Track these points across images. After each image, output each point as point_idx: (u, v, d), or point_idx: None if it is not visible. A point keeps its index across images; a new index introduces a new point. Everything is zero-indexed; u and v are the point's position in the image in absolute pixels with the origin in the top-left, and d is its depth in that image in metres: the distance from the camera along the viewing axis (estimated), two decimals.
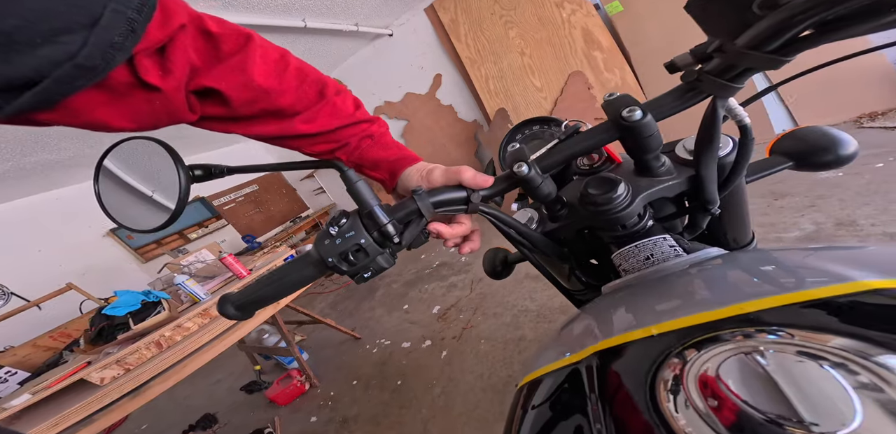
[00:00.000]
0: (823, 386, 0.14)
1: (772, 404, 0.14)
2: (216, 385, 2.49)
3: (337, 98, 0.40)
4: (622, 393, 0.19)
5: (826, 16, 0.19)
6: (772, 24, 0.21)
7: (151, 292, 1.49)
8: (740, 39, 0.24)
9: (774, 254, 0.26)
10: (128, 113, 0.29)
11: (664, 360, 0.19)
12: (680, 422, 0.15)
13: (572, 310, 1.46)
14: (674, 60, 0.29)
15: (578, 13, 2.60)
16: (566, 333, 0.31)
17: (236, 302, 0.35)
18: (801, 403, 0.14)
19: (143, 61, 0.27)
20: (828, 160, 0.32)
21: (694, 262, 0.30)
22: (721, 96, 0.28)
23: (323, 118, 0.40)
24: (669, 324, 0.21)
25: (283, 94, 0.36)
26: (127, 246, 3.63)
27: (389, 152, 0.43)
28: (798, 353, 0.15)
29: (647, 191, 0.32)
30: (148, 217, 0.33)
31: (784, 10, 0.20)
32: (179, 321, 1.44)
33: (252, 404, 2.03)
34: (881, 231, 1.22)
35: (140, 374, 1.28)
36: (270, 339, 2.28)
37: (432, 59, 3.45)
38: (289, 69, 0.36)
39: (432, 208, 0.33)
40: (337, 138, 0.42)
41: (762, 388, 0.15)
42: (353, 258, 0.31)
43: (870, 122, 2.00)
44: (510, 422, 0.27)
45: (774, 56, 0.23)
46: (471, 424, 1.25)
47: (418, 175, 0.41)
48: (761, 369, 0.15)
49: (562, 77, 2.77)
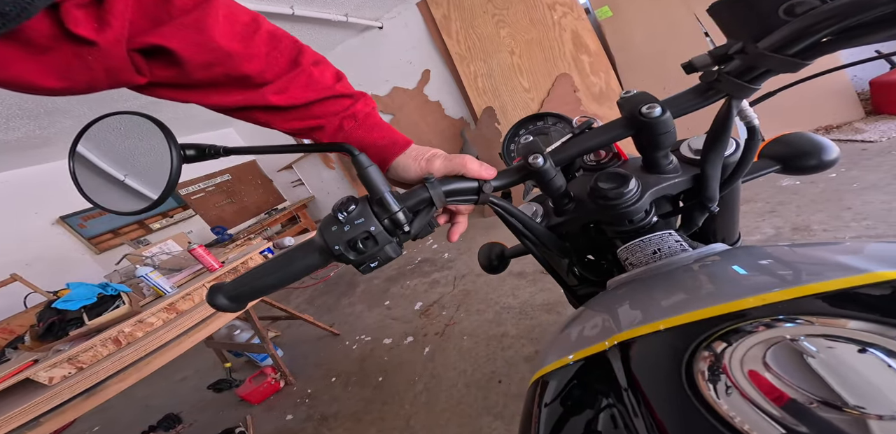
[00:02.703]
0: (865, 368, 0.14)
1: (816, 387, 0.14)
2: (180, 383, 2.35)
3: (314, 68, 0.36)
4: (655, 383, 0.19)
5: (848, 23, 0.20)
6: (797, 28, 0.22)
7: (109, 285, 1.37)
8: (763, 42, 0.24)
9: (775, 250, 0.27)
10: (55, 69, 0.25)
11: (695, 351, 0.19)
12: (724, 407, 0.16)
13: (556, 307, 1.46)
14: (692, 61, 0.30)
15: (569, 16, 2.64)
16: (576, 328, 0.31)
17: (230, 292, 0.32)
18: (843, 386, 0.14)
19: (73, 12, 0.24)
20: (812, 164, 0.34)
21: (699, 256, 0.30)
22: (737, 97, 0.28)
23: (296, 89, 0.35)
24: (686, 316, 0.21)
25: (251, 59, 0.32)
26: (79, 235, 3.34)
27: (377, 135, 0.39)
28: (827, 338, 0.16)
29: (655, 187, 0.32)
30: (130, 199, 0.30)
31: (810, 17, 0.21)
32: (141, 316, 1.33)
33: (221, 403, 1.93)
34: (832, 235, 1.32)
35: (94, 374, 1.18)
36: (242, 335, 2.18)
37: (422, 55, 3.41)
38: (259, 32, 0.33)
39: (444, 197, 0.32)
40: (313, 114, 0.37)
41: (805, 374, 0.15)
42: (363, 246, 0.30)
43: (826, 134, 2.18)
44: (527, 418, 0.26)
45: (796, 59, 0.23)
46: (454, 420, 1.24)
47: (416, 164, 0.38)
48: (800, 356, 0.16)
49: (549, 78, 2.82)
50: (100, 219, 3.49)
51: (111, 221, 3.57)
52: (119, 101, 2.64)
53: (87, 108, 2.47)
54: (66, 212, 3.29)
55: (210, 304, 0.32)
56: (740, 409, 0.15)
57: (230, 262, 1.70)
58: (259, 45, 0.33)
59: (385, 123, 0.41)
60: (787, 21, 0.23)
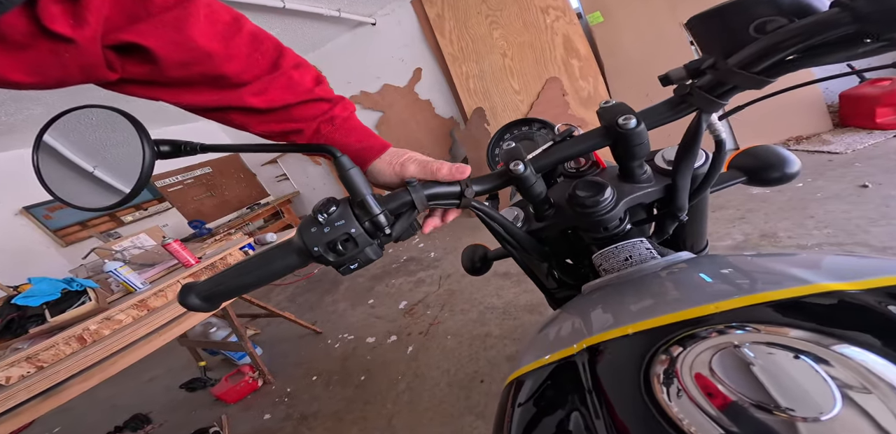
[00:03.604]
0: (797, 374, 0.15)
1: (755, 391, 0.16)
2: (149, 383, 2.26)
3: (295, 71, 0.36)
4: (616, 386, 0.20)
5: (813, 42, 0.22)
6: (763, 46, 0.23)
7: (75, 280, 1.30)
8: (733, 59, 0.25)
9: (736, 259, 0.28)
10: (27, 65, 0.25)
11: (654, 355, 0.20)
12: (674, 409, 0.17)
13: (539, 307, 1.48)
14: (668, 74, 0.31)
15: (562, 20, 2.68)
16: (552, 331, 0.32)
17: (203, 292, 0.32)
18: (778, 390, 0.15)
19: (50, 8, 0.23)
20: (775, 177, 0.36)
21: (667, 264, 0.32)
22: (707, 111, 0.30)
23: (275, 91, 0.35)
24: (651, 321, 0.23)
25: (230, 59, 0.32)
26: (44, 226, 3.16)
27: (353, 139, 0.39)
28: (769, 345, 0.17)
29: (630, 196, 0.34)
30: (97, 194, 0.29)
31: (777, 35, 0.23)
32: (109, 313, 1.26)
33: (194, 403, 1.87)
34: (795, 243, 1.39)
35: (56, 373, 1.11)
36: (218, 333, 2.11)
37: (414, 53, 3.39)
38: (241, 34, 0.33)
39: (426, 201, 0.33)
40: (291, 117, 0.37)
41: (745, 378, 0.16)
42: (342, 248, 0.30)
43: (796, 144, 2.29)
44: (501, 418, 0.27)
45: (761, 77, 0.25)
46: (436, 419, 1.24)
47: (390, 168, 0.39)
48: (743, 361, 0.17)
49: (539, 81, 2.86)
50: (68, 210, 3.31)
51: (80, 213, 3.39)
52: (93, 90, 2.51)
53: (57, 96, 2.33)
54: (30, 202, 3.10)
55: (181, 304, 0.32)
56: (688, 411, 0.16)
57: (207, 257, 1.64)
58: (240, 45, 0.33)
59: (363, 127, 0.41)
60: (756, 38, 0.24)
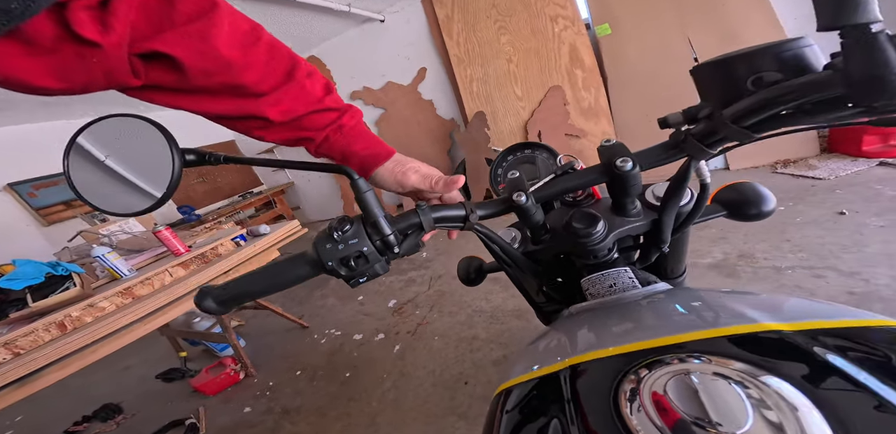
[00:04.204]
0: (728, 395, 0.19)
1: (696, 410, 0.19)
2: (124, 373, 2.21)
3: (307, 80, 0.38)
4: (591, 399, 0.23)
5: (801, 102, 0.23)
6: (755, 101, 0.25)
7: (60, 264, 1.27)
8: (727, 111, 0.27)
9: (705, 294, 0.32)
10: (54, 70, 0.25)
11: (624, 376, 0.23)
12: (633, 422, 0.20)
13: (526, 313, 1.51)
14: (667, 117, 0.32)
15: (570, 30, 2.71)
16: (541, 347, 0.35)
17: (219, 296, 0.33)
18: (713, 411, 0.19)
19: (80, 14, 0.24)
20: (753, 213, 0.38)
21: (647, 294, 0.35)
22: (697, 158, 0.31)
23: (289, 101, 0.37)
24: (628, 346, 0.26)
25: (248, 68, 0.33)
26: (27, 204, 3.07)
27: (359, 146, 0.41)
28: (714, 374, 0.21)
29: (619, 229, 0.36)
30: (126, 200, 0.30)
31: (768, 91, 0.24)
32: (93, 300, 1.24)
33: (170, 394, 1.84)
34: (770, 264, 1.44)
35: (33, 360, 1.08)
36: (202, 323, 2.09)
37: (420, 52, 3.39)
38: (259, 43, 0.34)
39: (433, 223, 0.34)
40: (302, 126, 0.39)
41: (690, 399, 0.20)
42: (354, 264, 0.32)
43: (783, 168, 2.36)
44: (490, 424, 0.29)
45: (748, 132, 0.26)
46: (420, 419, 1.25)
47: (392, 177, 0.42)
48: (691, 385, 0.20)
49: (542, 89, 2.89)
50: (54, 189, 3.22)
51: (66, 193, 3.29)
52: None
53: None
54: (16, 179, 3.01)
55: (197, 307, 0.33)
56: (644, 424, 0.20)
57: (198, 246, 1.62)
58: (258, 54, 0.34)
59: (370, 134, 0.43)
60: (752, 91, 0.25)
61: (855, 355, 0.20)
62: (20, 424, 2.00)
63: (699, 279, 1.49)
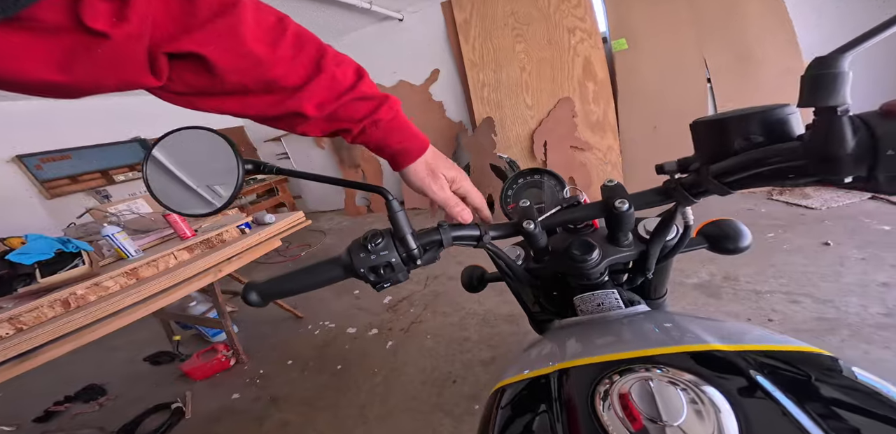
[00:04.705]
0: (674, 399, 0.24)
1: (650, 408, 0.24)
2: (109, 353, 2.19)
3: (337, 69, 0.35)
4: (574, 398, 0.28)
5: (771, 166, 0.27)
6: (735, 163, 0.29)
7: (71, 241, 1.28)
8: (713, 167, 0.31)
9: (676, 317, 0.37)
10: (57, 58, 0.23)
11: (601, 380, 0.28)
12: (604, 418, 0.25)
13: (517, 318, 1.56)
14: (664, 165, 0.37)
15: (586, 42, 2.73)
16: (534, 352, 0.40)
17: (263, 291, 0.38)
18: (662, 409, 0.24)
19: (97, 4, 0.22)
20: (730, 248, 0.43)
21: (627, 314, 0.41)
22: (682, 205, 0.36)
23: (322, 93, 0.35)
24: (607, 356, 0.31)
25: (277, 63, 0.31)
26: (33, 177, 3.08)
27: (394, 140, 0.40)
28: (668, 382, 0.26)
29: (612, 256, 0.41)
30: (196, 203, 0.34)
31: (749, 154, 0.28)
32: (99, 279, 1.26)
33: (157, 377, 1.85)
34: (752, 288, 1.49)
35: (36, 336, 1.09)
36: (197, 307, 2.11)
37: (434, 54, 3.43)
38: (286, 35, 0.32)
39: (451, 241, 0.40)
40: (337, 116, 0.37)
41: (647, 399, 0.25)
42: (382, 272, 0.37)
43: (778, 195, 2.42)
44: (487, 418, 0.34)
45: (727, 188, 0.31)
46: (407, 413, 1.28)
47: (418, 181, 0.43)
48: (649, 389, 0.25)
49: (552, 100, 2.93)
50: (61, 163, 3.23)
51: (73, 167, 3.30)
52: None
53: None
54: (25, 151, 3.02)
55: (243, 300, 0.38)
56: (612, 419, 0.25)
57: (203, 231, 1.65)
58: (286, 48, 0.32)
59: (406, 126, 0.41)
60: (738, 151, 0.29)
61: (771, 372, 0.26)
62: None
63: (683, 297, 1.53)
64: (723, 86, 2.48)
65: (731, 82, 2.46)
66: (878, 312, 1.25)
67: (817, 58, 0.23)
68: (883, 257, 1.49)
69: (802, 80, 0.23)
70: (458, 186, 0.45)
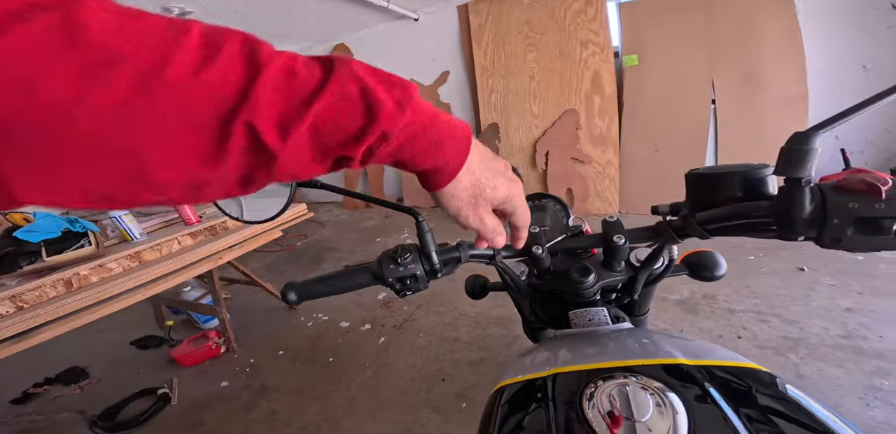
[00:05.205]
0: (644, 401, 0.30)
1: (625, 408, 0.30)
2: (94, 336, 2.14)
3: (294, 65, 0.21)
4: (565, 398, 0.33)
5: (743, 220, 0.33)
6: (717, 213, 0.35)
7: (79, 221, 1.28)
8: (699, 215, 0.36)
9: (653, 335, 0.43)
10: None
11: (588, 384, 0.33)
12: (589, 415, 0.30)
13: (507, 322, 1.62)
14: (657, 207, 0.43)
15: (598, 56, 2.77)
16: (531, 358, 0.45)
17: (300, 292, 0.43)
18: (634, 408, 0.29)
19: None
20: (708, 276, 0.49)
21: (614, 330, 0.47)
22: (669, 243, 0.43)
23: (277, 101, 0.20)
24: (594, 365, 0.37)
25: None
26: None
27: (420, 159, 0.27)
28: (640, 388, 0.31)
29: (605, 280, 0.47)
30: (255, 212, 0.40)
31: (727, 208, 0.34)
32: (103, 260, 1.26)
33: (143, 361, 1.84)
34: (727, 306, 1.58)
35: (36, 316, 1.08)
36: (191, 293, 2.11)
37: (446, 56, 3.46)
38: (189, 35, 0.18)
39: (469, 258, 0.45)
40: (321, 143, 0.22)
41: (624, 401, 0.30)
42: (407, 282, 0.42)
43: None
44: (488, 414, 0.39)
45: (707, 234, 0.37)
46: (396, 407, 1.32)
47: (454, 212, 0.32)
48: (625, 393, 0.31)
49: (558, 110, 2.99)
50: None
51: None
52: None
53: None
54: None
55: (282, 298, 0.43)
56: (595, 415, 0.30)
57: (207, 218, 1.66)
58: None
59: (432, 134, 0.26)
60: (721, 203, 0.35)
61: (720, 383, 0.31)
62: None
63: (664, 312, 1.61)
64: (726, 108, 2.53)
65: (734, 105, 2.51)
66: (837, 334, 1.34)
67: (796, 133, 0.28)
68: (851, 285, 1.59)
69: (781, 151, 0.28)
70: (507, 205, 0.34)
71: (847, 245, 0.28)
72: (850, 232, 0.28)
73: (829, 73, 2.41)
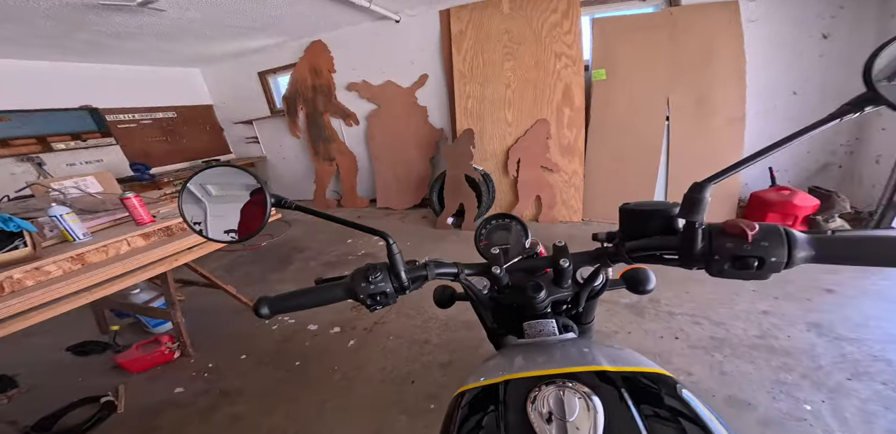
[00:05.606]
0: (573, 404, 0.34)
1: (558, 409, 0.34)
2: (22, 342, 1.92)
3: None
4: (514, 402, 0.37)
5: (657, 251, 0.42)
6: (637, 245, 0.43)
7: (13, 219, 1.15)
8: (627, 244, 0.44)
9: (592, 345, 0.48)
10: None
11: (532, 389, 0.37)
12: (531, 416, 0.34)
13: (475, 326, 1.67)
14: (597, 234, 0.51)
15: (570, 69, 2.90)
16: (489, 365, 0.50)
17: (274, 307, 0.46)
18: (567, 411, 0.33)
19: None
20: (641, 289, 0.57)
21: (560, 340, 0.52)
22: (604, 266, 0.51)
23: None
24: (540, 371, 0.41)
25: None
26: None
27: None
28: (573, 392, 0.35)
29: (554, 295, 0.53)
30: (221, 231, 0.41)
31: (644, 241, 0.43)
32: (41, 263, 1.14)
33: (83, 369, 1.70)
34: (668, 310, 1.75)
35: None
36: (140, 295, 1.97)
37: (425, 59, 3.48)
38: None
39: (435, 276, 0.50)
40: None
41: (558, 403, 0.34)
42: (378, 298, 0.46)
43: None
44: (450, 416, 0.42)
45: (633, 261, 0.44)
46: (366, 410, 1.31)
47: None
48: (561, 396, 0.35)
49: (531, 120, 3.10)
50: None
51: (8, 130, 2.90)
52: None
53: None
54: None
55: (255, 313, 0.45)
56: (535, 416, 0.34)
57: (162, 217, 1.55)
58: None
59: None
60: (646, 234, 0.43)
61: (631, 387, 0.36)
62: None
63: (615, 315, 1.75)
64: (678, 126, 2.75)
65: (685, 124, 2.74)
66: (753, 335, 1.52)
67: (694, 183, 0.37)
68: (769, 291, 1.80)
69: (683, 198, 0.37)
70: None
71: (728, 275, 0.38)
72: (727, 266, 0.37)
73: (764, 95, 2.69)
